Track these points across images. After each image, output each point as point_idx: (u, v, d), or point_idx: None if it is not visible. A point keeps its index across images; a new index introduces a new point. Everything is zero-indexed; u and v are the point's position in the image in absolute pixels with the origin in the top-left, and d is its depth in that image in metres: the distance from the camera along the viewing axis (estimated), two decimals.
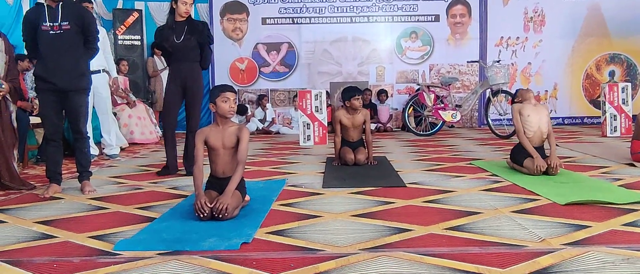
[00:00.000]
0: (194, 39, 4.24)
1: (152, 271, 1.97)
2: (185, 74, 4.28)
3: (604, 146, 5.86)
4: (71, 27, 3.59)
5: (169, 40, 4.24)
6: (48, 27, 3.56)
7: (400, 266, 1.96)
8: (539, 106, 4.15)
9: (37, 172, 4.71)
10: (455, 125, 9.02)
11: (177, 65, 4.31)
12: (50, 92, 3.61)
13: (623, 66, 9.47)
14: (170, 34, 4.24)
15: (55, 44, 3.57)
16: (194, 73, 4.33)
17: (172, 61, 4.35)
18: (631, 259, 1.98)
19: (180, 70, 4.29)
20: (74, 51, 3.64)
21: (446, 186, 3.60)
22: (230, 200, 2.71)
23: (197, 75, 4.36)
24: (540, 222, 2.58)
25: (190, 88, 4.30)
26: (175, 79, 4.31)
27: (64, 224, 2.76)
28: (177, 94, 4.32)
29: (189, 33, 4.23)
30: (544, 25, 9.34)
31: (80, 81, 3.68)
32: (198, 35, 4.25)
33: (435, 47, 9.34)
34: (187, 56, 4.27)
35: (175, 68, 4.32)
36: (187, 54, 4.27)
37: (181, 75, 4.29)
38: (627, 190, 3.32)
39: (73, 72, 3.63)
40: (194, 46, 4.26)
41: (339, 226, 2.59)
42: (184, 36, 4.22)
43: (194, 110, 4.35)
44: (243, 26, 9.39)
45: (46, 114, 3.67)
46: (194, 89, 4.32)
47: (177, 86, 4.30)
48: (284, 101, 9.44)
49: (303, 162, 5.09)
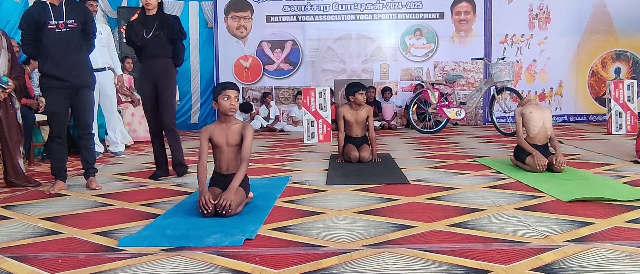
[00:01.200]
0: (164, 34, 4.01)
1: (156, 266, 1.98)
2: (156, 70, 4.04)
3: (609, 144, 5.84)
4: (77, 25, 3.66)
5: (138, 35, 4.02)
6: (54, 26, 3.60)
7: (403, 262, 1.97)
8: (540, 108, 4.15)
9: (43, 170, 4.75)
10: (459, 122, 9.00)
11: (147, 61, 4.08)
12: (61, 89, 3.65)
13: (629, 63, 9.42)
14: (140, 28, 4.02)
15: (62, 42, 3.62)
16: (166, 69, 4.08)
17: (142, 58, 4.11)
18: (634, 256, 1.98)
19: (151, 66, 4.06)
20: (80, 48, 3.75)
21: (450, 183, 3.59)
22: (233, 197, 2.72)
23: (168, 71, 4.10)
24: (543, 219, 2.58)
25: (161, 84, 4.04)
26: (146, 76, 4.09)
27: (69, 220, 2.78)
28: (152, 94, 4.07)
29: (159, 28, 4.00)
30: (549, 22, 9.31)
31: (89, 77, 3.83)
32: (168, 30, 4.02)
33: (439, 45, 9.32)
34: (157, 52, 4.03)
35: (146, 65, 4.10)
36: (158, 50, 4.03)
37: (152, 71, 4.05)
38: (632, 187, 3.30)
39: (83, 68, 3.76)
40: (164, 42, 4.03)
41: (342, 222, 2.60)
42: (153, 31, 3.99)
43: (165, 106, 4.07)
44: (247, 24, 9.40)
45: (56, 111, 3.69)
46: (164, 85, 4.05)
47: (149, 83, 4.06)
48: (288, 98, 9.45)
49: (307, 159, 5.10)
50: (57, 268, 1.99)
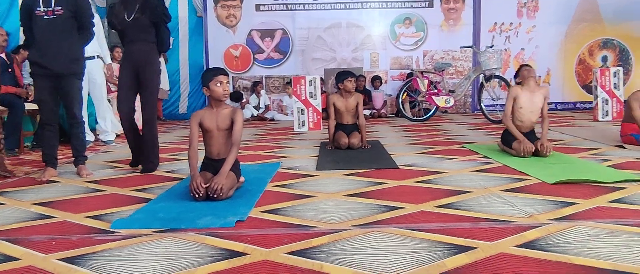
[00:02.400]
0: (146, 17, 3.76)
1: (149, 247, 2.01)
2: (137, 56, 3.79)
3: (594, 130, 5.94)
4: (64, 12, 3.62)
5: (118, 17, 3.79)
6: (42, 12, 3.59)
7: (392, 241, 2.01)
8: (535, 92, 4.13)
9: (33, 158, 4.74)
10: (448, 110, 9.07)
11: (129, 46, 3.84)
12: (45, 77, 3.64)
13: (616, 51, 9.52)
14: (121, 10, 3.79)
15: (48, 29, 3.60)
16: (149, 56, 3.83)
17: (124, 42, 3.88)
18: (616, 233, 2.04)
19: (133, 52, 3.81)
20: (67, 36, 3.66)
21: (438, 168, 3.65)
22: (225, 180, 2.75)
23: (151, 57, 3.85)
24: (528, 200, 2.64)
25: (143, 72, 3.79)
26: (128, 61, 3.83)
27: (61, 205, 2.80)
28: (131, 79, 3.81)
29: (141, 10, 3.75)
30: (537, 11, 9.38)
31: (74, 66, 3.71)
32: (151, 12, 3.76)
33: (428, 33, 9.36)
34: (139, 36, 3.79)
35: (128, 49, 3.85)
36: (140, 34, 3.78)
37: (133, 57, 3.80)
38: (615, 170, 3.38)
39: (66, 56, 3.65)
40: (146, 25, 3.78)
41: (332, 205, 2.65)
42: (134, 13, 3.75)
43: (148, 97, 3.84)
44: (237, 13, 9.37)
45: (42, 99, 3.69)
46: (147, 73, 3.81)
47: (129, 69, 3.81)
48: (278, 87, 9.45)
49: (297, 146, 5.14)
50: (51, 249, 2.02)
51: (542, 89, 4.18)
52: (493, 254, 1.82)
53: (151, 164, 3.85)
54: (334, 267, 1.75)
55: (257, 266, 1.78)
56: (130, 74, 3.81)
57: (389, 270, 1.71)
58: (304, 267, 1.76)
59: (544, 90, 4.19)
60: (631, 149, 4.30)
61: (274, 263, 1.80)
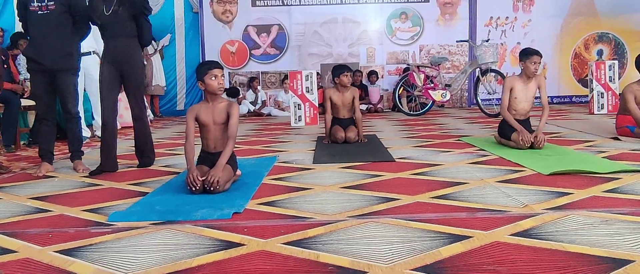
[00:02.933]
0: (125, 10, 3.59)
1: (146, 239, 2.02)
2: (118, 52, 3.63)
3: (590, 122, 5.96)
4: (56, 7, 3.61)
5: (97, 11, 3.61)
6: (36, 8, 3.59)
7: (388, 231, 2.03)
8: (530, 82, 4.16)
9: (29, 154, 4.74)
10: (445, 105, 9.09)
11: (109, 41, 3.65)
12: (40, 72, 3.65)
13: (611, 45, 9.55)
14: (100, 4, 3.61)
15: (42, 24, 3.61)
16: (129, 51, 3.66)
17: (104, 37, 3.69)
18: (609, 221, 2.05)
19: (113, 47, 3.64)
20: (60, 31, 3.66)
21: (434, 160, 3.66)
22: (221, 173, 2.76)
23: (132, 53, 3.68)
24: (524, 190, 2.66)
25: (125, 69, 3.64)
26: (108, 58, 3.65)
27: (58, 199, 2.80)
28: (113, 76, 3.65)
29: (119, 3, 3.58)
30: (532, 5, 9.40)
31: (67, 61, 3.70)
32: (129, 5, 3.59)
33: (425, 28, 9.38)
34: (119, 31, 3.61)
35: (108, 45, 3.66)
36: (120, 29, 3.61)
37: (114, 53, 3.64)
38: (610, 161, 3.40)
39: (59, 52, 3.64)
40: (126, 19, 3.61)
41: (329, 197, 2.66)
42: (113, 7, 3.58)
43: (133, 94, 3.71)
44: (233, 8, 9.37)
45: (37, 93, 3.70)
46: (129, 70, 3.65)
47: (110, 66, 3.64)
48: (275, 83, 9.46)
49: (294, 141, 5.15)
50: (47, 242, 2.02)
51: (536, 79, 4.18)
52: (488, 243, 1.83)
53: (148, 158, 3.84)
54: (330, 256, 1.76)
55: (253, 256, 1.79)
56: (112, 71, 3.64)
57: (385, 259, 1.72)
58: (300, 257, 1.77)
59: (538, 79, 4.19)
60: (626, 140, 4.32)
61: (271, 253, 1.81)
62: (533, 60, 4.07)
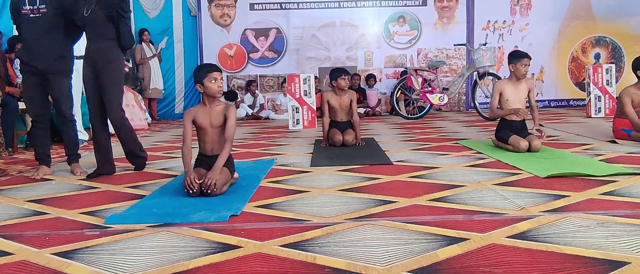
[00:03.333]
0: (101, 11, 3.49)
1: (143, 241, 2.02)
2: (95, 55, 3.54)
3: (587, 126, 5.98)
4: (48, 10, 3.60)
5: (78, 13, 3.52)
6: (28, 11, 3.59)
7: (384, 233, 2.03)
8: (520, 84, 4.22)
9: (27, 157, 4.73)
10: (443, 108, 9.10)
11: (89, 43, 3.56)
12: (31, 74, 3.64)
13: (608, 49, 9.59)
14: (82, 5, 3.50)
15: (34, 27, 3.61)
16: (106, 54, 3.54)
17: (87, 39, 3.59)
18: (606, 224, 2.06)
19: (91, 50, 3.55)
20: (53, 34, 3.63)
21: (432, 163, 3.67)
22: (218, 176, 2.76)
23: (109, 56, 3.54)
24: (521, 193, 2.66)
25: (101, 72, 3.52)
26: (88, 60, 3.55)
27: (55, 202, 2.80)
28: (94, 78, 3.55)
29: (96, 3, 3.48)
30: (530, 9, 9.43)
31: (59, 63, 3.66)
32: (106, 6, 3.47)
33: (422, 32, 9.40)
34: (97, 32, 3.52)
35: (88, 47, 3.57)
36: (97, 30, 3.51)
37: (91, 56, 3.55)
38: (607, 164, 3.41)
39: (51, 54, 3.62)
40: (103, 20, 3.50)
41: (326, 199, 2.66)
42: (91, 7, 3.48)
43: (109, 99, 3.55)
44: (231, 12, 9.38)
45: (28, 95, 3.69)
46: (105, 73, 3.52)
47: (89, 69, 3.55)
48: (273, 86, 9.47)
49: (292, 144, 5.15)
50: (44, 244, 2.02)
51: (526, 81, 4.26)
52: (485, 245, 1.84)
53: (141, 159, 3.82)
54: (327, 258, 1.76)
55: (250, 258, 1.79)
56: (91, 74, 3.55)
57: (382, 261, 1.72)
58: (297, 259, 1.77)
59: (528, 82, 4.29)
60: (623, 144, 4.34)
61: (268, 255, 1.81)
62: (523, 63, 4.14)
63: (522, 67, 4.14)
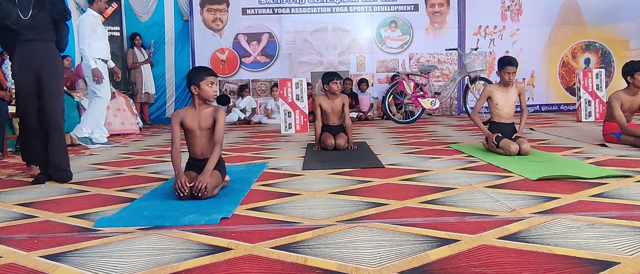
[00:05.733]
0: (46, 13, 3.48)
1: (132, 244, 2.00)
2: (38, 56, 3.47)
3: (577, 130, 6.01)
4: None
5: (11, 16, 3.41)
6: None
7: (375, 235, 2.02)
8: (509, 89, 4.27)
9: (17, 161, 4.69)
10: (434, 113, 9.14)
11: (26, 47, 3.47)
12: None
13: (598, 54, 9.66)
14: (12, 8, 3.42)
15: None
16: (50, 56, 3.52)
17: (17, 42, 3.48)
18: (596, 225, 2.07)
19: (31, 52, 3.46)
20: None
21: (423, 166, 3.67)
22: (209, 179, 2.75)
23: (52, 58, 3.54)
24: (511, 195, 2.67)
25: (47, 74, 3.47)
26: (26, 64, 3.46)
27: (44, 205, 2.78)
28: (32, 83, 3.47)
29: (38, 6, 3.45)
30: (520, 14, 9.50)
31: None
32: (52, 8, 3.49)
33: (414, 37, 9.44)
34: (38, 35, 3.47)
35: (24, 51, 3.47)
36: (39, 33, 3.47)
37: (33, 58, 3.46)
38: (597, 167, 3.43)
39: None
40: (47, 22, 3.49)
41: (317, 202, 2.65)
42: (31, 11, 3.43)
43: (50, 101, 3.48)
44: (223, 17, 9.38)
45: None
46: (50, 74, 3.49)
47: (29, 73, 3.46)
48: (265, 91, 9.46)
49: (284, 148, 5.14)
50: (32, 247, 2.00)
51: (517, 86, 4.33)
52: (475, 246, 1.84)
53: (66, 172, 3.51)
54: (318, 260, 1.75)
55: (241, 260, 1.78)
56: (32, 80, 3.47)
57: (373, 263, 1.72)
58: (288, 261, 1.76)
59: (519, 86, 4.35)
60: (612, 147, 4.37)
61: (258, 257, 1.80)
62: (507, 71, 4.23)
63: (506, 75, 4.23)
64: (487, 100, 4.32)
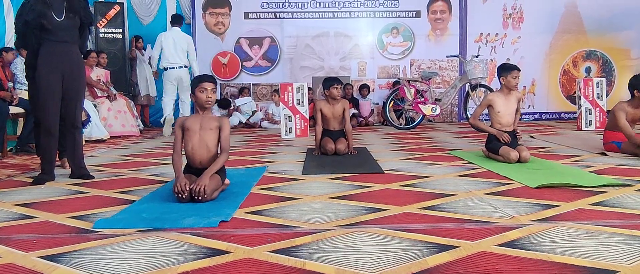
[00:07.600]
0: (78, 17, 3.66)
1: (131, 245, 2.00)
2: (68, 58, 3.61)
3: (577, 138, 6.01)
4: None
5: (46, 16, 3.51)
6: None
7: (374, 240, 2.02)
8: (510, 96, 4.29)
9: (16, 161, 4.69)
10: (434, 119, 9.14)
11: (57, 47, 3.56)
12: None
13: (599, 63, 9.67)
14: (46, 9, 3.52)
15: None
16: (79, 58, 3.72)
17: (45, 42, 3.54)
18: (595, 233, 2.07)
19: (62, 53, 3.58)
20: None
21: (423, 173, 3.67)
22: (209, 182, 2.75)
23: (81, 60, 3.75)
24: (511, 202, 2.67)
25: (74, 75, 3.64)
26: (55, 64, 3.55)
27: (43, 206, 2.78)
28: (59, 84, 3.58)
29: (70, 10, 3.61)
30: (522, 22, 9.51)
31: None
32: (83, 13, 3.69)
33: (416, 43, 9.45)
34: (69, 37, 3.62)
35: (55, 51, 3.56)
36: (70, 35, 3.62)
37: (63, 59, 3.58)
38: (597, 175, 3.42)
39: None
40: (76, 25, 3.67)
41: (317, 206, 2.65)
42: (65, 13, 3.59)
43: (78, 101, 3.69)
44: (225, 20, 9.39)
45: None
46: (77, 75, 3.66)
47: (57, 72, 3.56)
48: (266, 95, 9.47)
49: (284, 152, 5.14)
50: (31, 247, 2.00)
51: (516, 92, 4.36)
52: (474, 253, 1.84)
53: (85, 170, 3.69)
54: (317, 265, 1.75)
55: (239, 263, 1.78)
56: (59, 79, 3.57)
57: (371, 268, 1.71)
58: (286, 264, 1.76)
59: (517, 94, 4.37)
60: (613, 156, 4.36)
61: (257, 261, 1.80)
62: (513, 75, 4.26)
63: (513, 79, 4.23)
64: (487, 108, 4.32)
